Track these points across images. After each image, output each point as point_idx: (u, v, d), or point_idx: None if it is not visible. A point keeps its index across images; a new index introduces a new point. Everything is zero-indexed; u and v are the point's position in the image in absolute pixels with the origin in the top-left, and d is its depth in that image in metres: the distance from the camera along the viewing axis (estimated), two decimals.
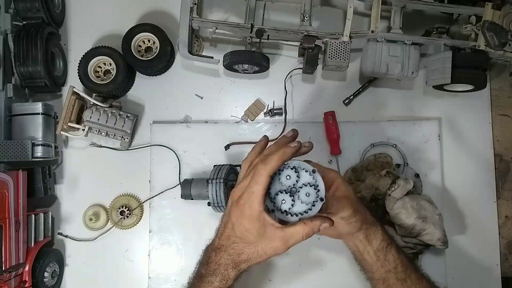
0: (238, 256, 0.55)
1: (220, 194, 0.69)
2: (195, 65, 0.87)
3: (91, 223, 0.83)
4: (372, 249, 0.63)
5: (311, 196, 0.52)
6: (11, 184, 0.71)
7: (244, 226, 0.54)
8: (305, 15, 0.77)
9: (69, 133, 0.81)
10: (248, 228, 0.54)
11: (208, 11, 0.88)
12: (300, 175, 0.53)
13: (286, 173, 0.53)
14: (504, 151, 0.87)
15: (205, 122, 0.86)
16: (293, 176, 0.53)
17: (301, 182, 0.53)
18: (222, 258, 0.56)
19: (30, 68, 0.77)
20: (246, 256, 0.55)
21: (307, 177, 0.53)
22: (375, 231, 0.63)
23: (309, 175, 0.53)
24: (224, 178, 0.70)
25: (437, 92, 0.84)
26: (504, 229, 0.85)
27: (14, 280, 0.71)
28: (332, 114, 0.83)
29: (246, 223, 0.54)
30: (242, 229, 0.54)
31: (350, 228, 0.61)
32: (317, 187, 0.53)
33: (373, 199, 0.75)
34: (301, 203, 0.53)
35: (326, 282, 0.81)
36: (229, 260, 0.56)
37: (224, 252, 0.56)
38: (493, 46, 0.72)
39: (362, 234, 0.62)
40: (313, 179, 0.53)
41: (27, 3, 0.79)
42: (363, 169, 0.81)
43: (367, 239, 0.63)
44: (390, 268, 0.63)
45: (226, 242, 0.56)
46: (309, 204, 0.52)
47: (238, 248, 0.55)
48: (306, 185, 0.53)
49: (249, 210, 0.53)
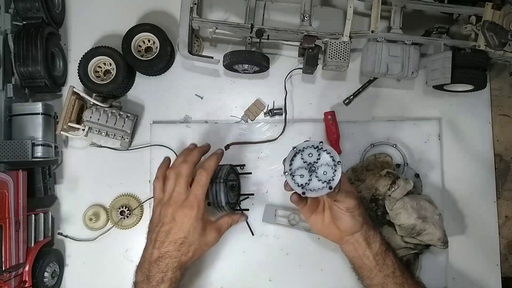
0: (184, 255, 0.61)
1: (220, 194, 0.69)
2: (195, 65, 0.87)
3: (91, 223, 0.83)
4: (372, 253, 0.63)
5: (328, 174, 0.58)
6: (11, 184, 0.71)
7: (192, 225, 0.62)
8: (305, 15, 0.77)
9: (69, 133, 0.81)
10: (195, 226, 0.62)
11: (208, 11, 0.88)
12: (321, 155, 0.59)
13: (309, 151, 0.59)
14: (504, 151, 0.87)
15: (205, 122, 0.86)
16: (315, 154, 0.59)
17: (321, 162, 0.59)
18: (167, 264, 0.60)
19: (30, 68, 0.77)
20: (191, 253, 0.62)
21: (328, 159, 0.58)
22: (374, 235, 0.65)
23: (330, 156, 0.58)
24: (224, 179, 0.70)
25: (437, 92, 0.84)
26: (504, 229, 0.85)
27: (14, 280, 0.71)
28: (332, 114, 0.83)
29: (193, 222, 0.62)
30: (190, 228, 0.62)
31: (353, 222, 0.63)
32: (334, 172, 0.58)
33: (373, 199, 0.75)
34: (317, 181, 0.58)
35: (326, 282, 0.81)
36: (175, 263, 0.61)
37: (169, 258, 0.61)
38: (493, 46, 0.72)
39: (362, 236, 0.63)
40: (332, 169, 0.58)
41: (27, 3, 0.78)
42: (363, 169, 0.81)
43: (367, 242, 0.63)
44: (388, 272, 0.63)
45: (171, 247, 0.61)
46: (325, 183, 0.58)
47: (184, 248, 0.61)
48: (325, 165, 0.58)
49: (197, 210, 0.62)
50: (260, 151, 0.84)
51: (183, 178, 0.65)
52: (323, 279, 0.81)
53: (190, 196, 0.63)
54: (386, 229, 0.77)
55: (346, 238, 0.65)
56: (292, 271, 0.81)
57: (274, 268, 0.81)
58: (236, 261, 0.82)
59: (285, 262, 0.81)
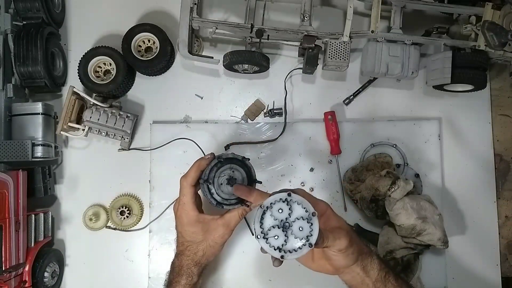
0: (195, 255, 0.65)
1: (207, 195, 0.64)
2: (195, 65, 0.87)
3: (91, 223, 0.83)
4: (371, 280, 0.60)
5: (304, 231, 0.51)
6: (11, 184, 0.71)
7: (190, 230, 0.65)
8: (305, 15, 0.77)
9: (69, 133, 0.81)
10: (194, 231, 0.64)
11: (208, 11, 0.88)
12: (292, 208, 0.52)
13: (278, 206, 0.53)
14: (504, 151, 0.87)
15: (205, 122, 0.86)
16: (285, 209, 0.52)
17: (294, 216, 0.52)
18: (183, 260, 0.65)
19: (30, 68, 0.77)
20: (202, 252, 0.65)
21: (300, 211, 0.52)
22: (371, 262, 0.61)
23: (302, 208, 0.52)
24: (204, 179, 0.64)
25: (437, 92, 0.84)
26: (504, 229, 0.85)
27: (14, 280, 0.71)
28: (332, 114, 0.83)
29: (190, 228, 0.64)
30: (189, 233, 0.65)
31: (347, 261, 0.59)
32: (311, 225, 0.51)
33: (373, 199, 0.75)
34: (294, 238, 0.52)
35: (326, 282, 0.81)
36: (189, 260, 0.65)
37: (183, 256, 0.66)
38: (493, 46, 0.72)
39: (359, 266, 0.60)
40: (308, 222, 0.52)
41: (27, 3, 0.79)
42: (363, 169, 0.81)
43: (364, 270, 0.60)
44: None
45: (182, 248, 0.66)
46: (303, 239, 0.51)
47: (193, 249, 0.65)
48: (299, 219, 0.52)
49: (186, 218, 0.64)
50: (260, 151, 0.84)
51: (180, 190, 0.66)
52: (323, 279, 0.80)
53: (179, 207, 0.66)
54: (386, 229, 0.77)
55: (341, 270, 0.61)
56: (292, 271, 0.81)
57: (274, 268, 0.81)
58: (236, 261, 0.82)
59: (285, 262, 0.80)
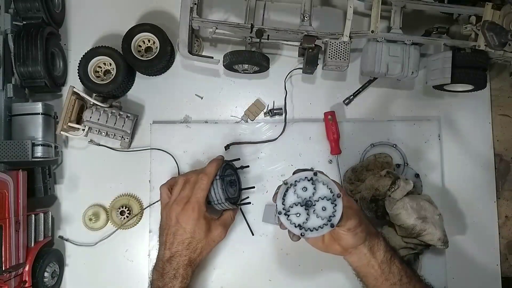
0: (193, 252, 0.66)
1: (218, 191, 0.69)
2: (195, 65, 0.87)
3: (91, 223, 0.83)
4: (377, 262, 0.62)
5: (327, 211, 0.51)
6: (11, 184, 0.71)
7: (196, 225, 0.65)
8: (305, 15, 0.77)
9: (69, 133, 0.81)
10: (199, 226, 0.66)
11: (208, 11, 0.88)
12: (317, 187, 0.53)
13: (303, 184, 0.53)
14: (504, 151, 0.87)
15: (205, 122, 0.86)
16: (310, 188, 0.53)
17: (317, 196, 0.53)
18: (179, 262, 0.65)
19: (30, 68, 0.77)
20: (200, 250, 0.66)
21: (324, 191, 0.52)
22: (378, 243, 0.63)
23: (327, 188, 0.53)
24: (220, 175, 0.70)
25: (437, 92, 0.84)
26: (504, 229, 0.85)
27: (14, 280, 0.71)
28: (332, 114, 0.83)
29: (197, 222, 0.65)
30: (194, 228, 0.65)
31: (355, 240, 0.60)
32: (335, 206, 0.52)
33: (373, 199, 0.75)
34: (316, 217, 0.52)
35: (326, 282, 0.81)
36: (186, 260, 0.65)
37: (180, 256, 0.65)
38: (493, 46, 0.72)
39: (366, 247, 0.62)
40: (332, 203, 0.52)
41: (27, 3, 0.78)
42: (363, 169, 0.81)
43: (371, 251, 0.62)
44: (395, 280, 0.62)
45: (180, 247, 0.66)
46: (325, 219, 0.51)
47: (192, 246, 0.66)
48: (323, 199, 0.52)
49: (198, 212, 0.65)
50: (260, 151, 0.84)
51: (189, 184, 0.68)
52: (323, 279, 0.81)
53: (192, 199, 0.66)
54: (386, 229, 0.77)
55: (349, 251, 0.63)
56: (292, 271, 0.81)
57: (274, 268, 0.81)
58: (236, 261, 0.82)
59: (285, 262, 0.81)
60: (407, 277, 0.62)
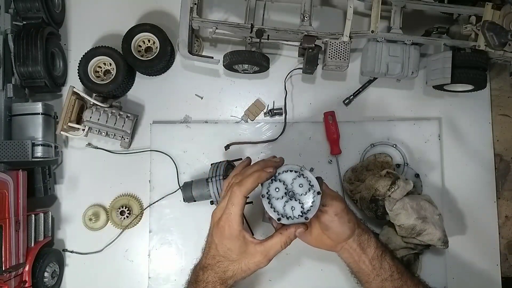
0: (224, 273, 0.58)
1: (221, 191, 0.69)
2: (195, 65, 0.87)
3: (91, 223, 0.83)
4: (367, 258, 0.63)
5: (306, 205, 0.56)
6: (11, 184, 0.71)
7: (226, 246, 0.57)
8: (305, 15, 0.77)
9: (69, 133, 0.81)
10: (230, 247, 0.57)
11: (208, 11, 0.88)
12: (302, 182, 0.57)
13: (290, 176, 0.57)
14: (504, 151, 0.87)
15: (205, 122, 0.86)
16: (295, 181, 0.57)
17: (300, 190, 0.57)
18: (209, 276, 0.58)
19: (30, 68, 0.77)
20: (231, 273, 0.58)
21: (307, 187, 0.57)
22: (368, 239, 0.64)
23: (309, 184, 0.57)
24: (222, 175, 0.70)
25: (437, 92, 0.84)
26: (504, 229, 0.85)
27: (14, 280, 0.71)
28: (332, 114, 0.83)
29: (228, 242, 0.57)
30: (225, 249, 0.57)
31: (344, 229, 0.61)
32: (313, 202, 0.56)
33: (373, 199, 0.75)
34: (294, 209, 0.56)
35: (326, 282, 0.81)
36: (216, 277, 0.58)
37: (211, 271, 0.59)
38: (493, 46, 0.72)
39: (355, 242, 0.63)
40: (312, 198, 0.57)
41: (27, 3, 0.79)
42: (363, 169, 0.81)
43: (361, 247, 0.63)
44: (386, 276, 0.63)
45: (211, 261, 0.59)
46: (301, 212, 0.56)
47: (223, 266, 0.58)
48: (305, 194, 0.57)
49: (229, 231, 0.56)
50: (260, 151, 0.84)
51: (229, 191, 0.58)
52: (323, 279, 0.81)
53: (223, 216, 0.57)
54: (386, 229, 0.77)
55: (340, 246, 0.64)
56: (292, 271, 0.81)
57: (274, 268, 0.81)
58: None
59: (285, 262, 0.81)
60: (398, 272, 0.63)
